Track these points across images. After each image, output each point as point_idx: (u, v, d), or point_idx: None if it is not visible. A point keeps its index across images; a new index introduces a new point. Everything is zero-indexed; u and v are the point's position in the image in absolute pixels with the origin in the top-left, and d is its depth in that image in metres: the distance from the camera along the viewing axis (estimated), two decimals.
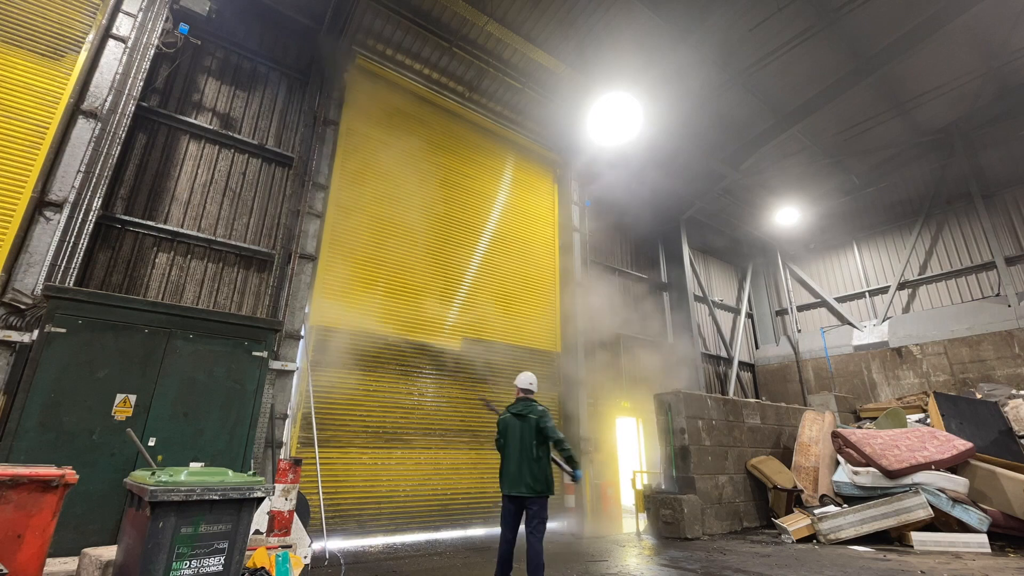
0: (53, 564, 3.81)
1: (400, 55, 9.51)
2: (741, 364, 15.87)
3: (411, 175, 9.36)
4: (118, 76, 6.41)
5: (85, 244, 5.80)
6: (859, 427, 10.09)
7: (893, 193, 14.91)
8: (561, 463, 4.59)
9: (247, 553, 3.41)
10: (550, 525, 4.56)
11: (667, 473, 8.39)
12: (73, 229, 5.71)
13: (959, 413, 8.77)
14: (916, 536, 6.62)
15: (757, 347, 17.04)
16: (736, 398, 9.82)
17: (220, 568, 2.96)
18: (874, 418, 10.71)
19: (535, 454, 4.43)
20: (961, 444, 7.58)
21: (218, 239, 7.14)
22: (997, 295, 12.74)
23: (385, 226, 8.75)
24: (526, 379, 4.87)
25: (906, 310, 14.35)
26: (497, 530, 7.77)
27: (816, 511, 7.39)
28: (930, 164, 13.98)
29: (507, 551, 4.40)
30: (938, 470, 7.13)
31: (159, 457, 4.82)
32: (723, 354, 15.52)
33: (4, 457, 4.20)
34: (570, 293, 11.06)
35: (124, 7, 6.68)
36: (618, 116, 10.28)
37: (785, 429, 9.88)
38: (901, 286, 14.54)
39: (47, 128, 5.88)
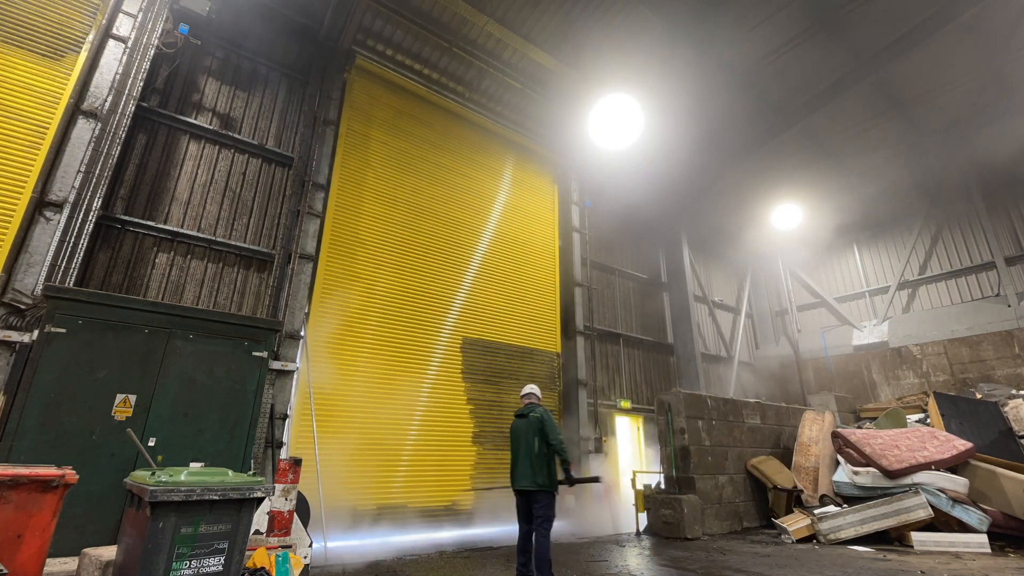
0: (53, 564, 3.81)
1: (400, 55, 9.51)
2: (741, 364, 15.87)
3: (411, 175, 9.36)
4: (118, 76, 6.41)
5: (85, 244, 5.81)
6: (859, 427, 10.09)
7: (893, 193, 14.91)
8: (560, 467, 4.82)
9: (247, 553, 3.41)
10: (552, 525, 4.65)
11: (667, 473, 8.39)
12: (73, 229, 5.71)
13: (959, 413, 8.77)
14: (916, 536, 6.61)
15: (757, 347, 17.04)
16: (736, 398, 9.82)
17: (220, 568, 2.96)
18: (874, 418, 10.70)
19: (537, 450, 4.75)
20: (961, 444, 7.58)
21: (218, 239, 7.13)
22: (997, 295, 12.74)
23: (385, 226, 8.76)
24: (529, 388, 5.36)
25: (906, 310, 14.35)
26: (497, 529, 7.84)
27: (816, 511, 7.38)
28: (930, 164, 13.98)
29: (524, 542, 4.69)
30: (938, 470, 7.13)
31: (159, 457, 4.82)
32: (723, 354, 15.52)
33: (4, 457, 4.20)
34: (570, 293, 11.06)
35: (124, 7, 6.68)
36: (618, 116, 10.29)
37: (785, 429, 9.87)
38: (901, 286, 14.54)
39: (47, 128, 5.88)
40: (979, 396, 10.72)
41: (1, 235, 5.37)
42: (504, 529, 7.82)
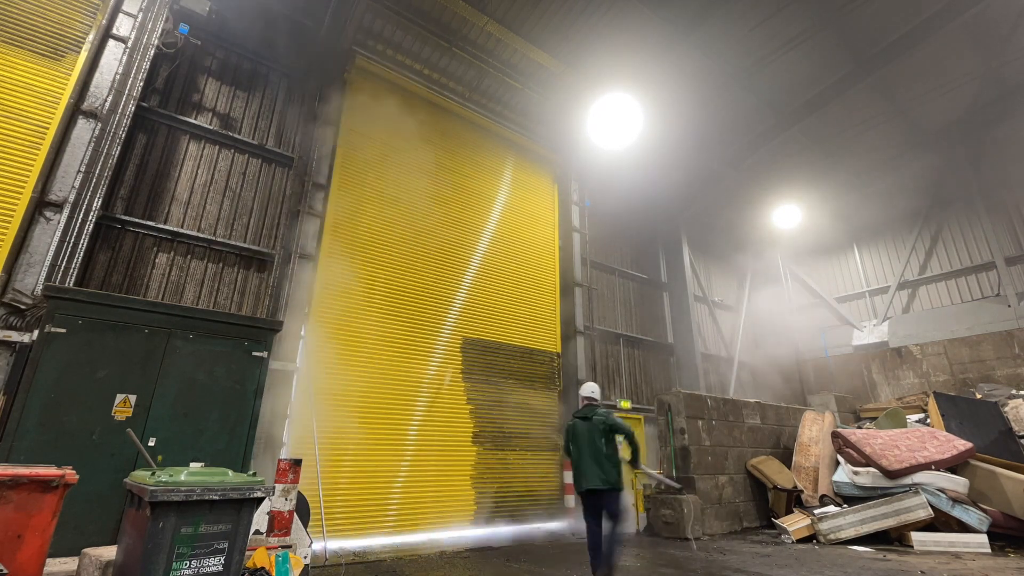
0: (53, 564, 3.80)
1: (400, 55, 9.51)
2: (741, 364, 15.87)
3: (411, 175, 9.36)
4: (118, 76, 6.41)
5: (85, 244, 5.80)
6: (859, 427, 10.09)
7: (893, 193, 14.91)
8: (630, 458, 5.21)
9: (247, 553, 3.41)
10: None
11: (667, 473, 8.38)
12: (73, 229, 5.70)
13: (959, 413, 8.77)
14: (916, 536, 6.61)
15: (757, 347, 17.04)
16: (736, 398, 9.82)
17: (220, 568, 2.96)
18: (874, 418, 10.71)
19: (605, 450, 4.92)
20: (961, 444, 7.58)
21: (218, 239, 7.13)
22: (997, 295, 12.74)
23: (385, 226, 8.75)
24: (589, 388, 5.47)
25: (906, 310, 14.35)
26: (497, 529, 7.84)
27: (816, 511, 7.38)
28: (930, 164, 13.98)
29: (596, 540, 4.83)
30: (938, 470, 7.13)
31: (159, 457, 4.82)
32: (723, 354, 15.51)
33: (4, 457, 4.20)
34: (570, 293, 11.06)
35: (124, 7, 6.68)
36: (618, 116, 10.29)
37: (785, 429, 9.87)
38: (901, 286, 14.54)
39: (47, 128, 5.88)
40: (979, 396, 10.73)
41: (1, 235, 5.37)
42: (503, 529, 7.82)
